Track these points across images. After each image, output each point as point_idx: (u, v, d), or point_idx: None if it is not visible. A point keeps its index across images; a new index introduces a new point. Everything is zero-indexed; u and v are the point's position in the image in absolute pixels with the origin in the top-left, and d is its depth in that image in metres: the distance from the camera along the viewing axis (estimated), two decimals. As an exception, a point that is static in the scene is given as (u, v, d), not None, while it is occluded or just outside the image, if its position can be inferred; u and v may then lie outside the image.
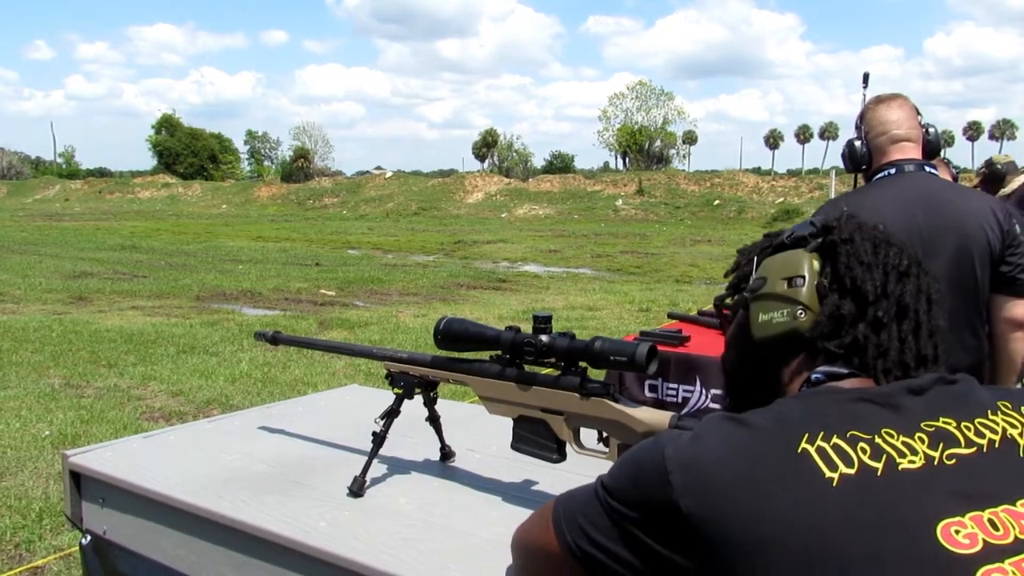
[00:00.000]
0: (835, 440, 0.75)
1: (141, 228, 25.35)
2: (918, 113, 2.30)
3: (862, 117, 2.33)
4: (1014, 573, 0.71)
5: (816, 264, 0.89)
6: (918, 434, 0.78)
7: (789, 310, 0.87)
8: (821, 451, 0.74)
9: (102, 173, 66.09)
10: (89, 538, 1.63)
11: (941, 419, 0.80)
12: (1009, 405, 0.85)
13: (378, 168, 58.96)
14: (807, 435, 0.76)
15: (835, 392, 0.83)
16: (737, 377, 0.98)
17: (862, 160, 2.32)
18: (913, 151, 2.25)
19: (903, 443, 0.77)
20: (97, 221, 29.31)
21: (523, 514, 1.14)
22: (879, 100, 2.33)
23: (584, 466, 1.31)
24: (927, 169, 2.24)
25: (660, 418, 1.13)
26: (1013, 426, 0.82)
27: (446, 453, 1.58)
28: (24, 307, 9.85)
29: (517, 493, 1.42)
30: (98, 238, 21.05)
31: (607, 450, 1.21)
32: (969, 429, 0.80)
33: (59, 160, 71.00)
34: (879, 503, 0.72)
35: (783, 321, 0.88)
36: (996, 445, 0.80)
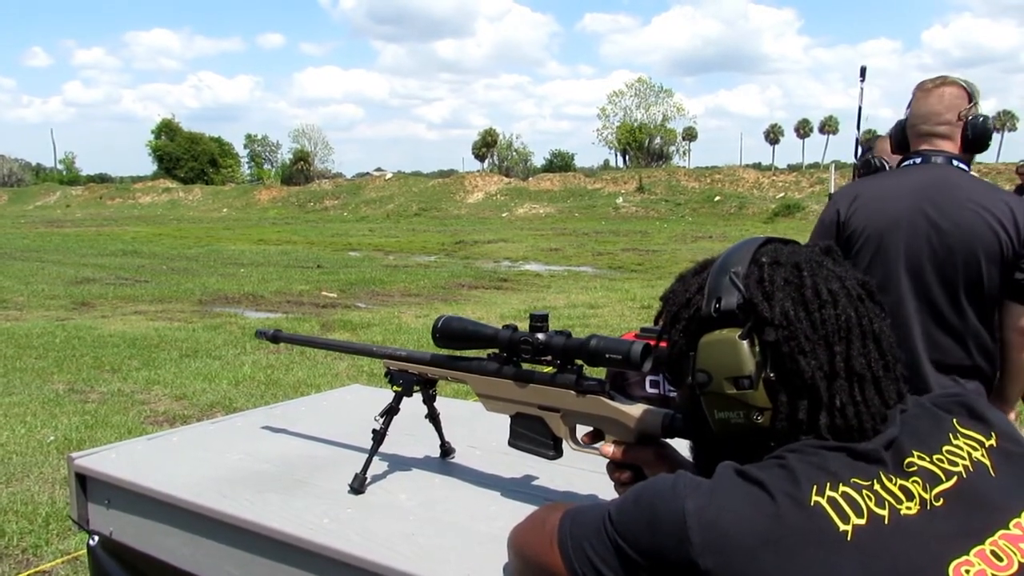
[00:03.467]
0: (842, 488, 0.77)
1: (142, 233, 25.39)
2: (971, 100, 2.19)
3: (911, 102, 2.27)
4: None
5: (756, 354, 0.85)
6: (912, 477, 0.80)
7: (744, 412, 0.85)
8: (832, 502, 0.76)
9: (103, 179, 66.24)
10: (97, 539, 1.65)
11: (916, 454, 0.82)
12: (960, 425, 0.88)
13: (378, 169, 59.01)
14: (816, 486, 0.76)
15: (824, 445, 0.82)
16: (695, 431, 0.97)
17: (902, 145, 2.30)
18: (944, 144, 2.18)
19: (899, 487, 0.79)
20: (98, 227, 29.36)
21: (523, 509, 1.16)
22: (920, 88, 2.25)
23: (583, 461, 1.32)
24: (955, 163, 2.16)
25: (654, 416, 1.14)
26: (974, 448, 0.86)
27: (446, 450, 1.60)
28: (27, 313, 9.88)
29: (517, 489, 1.44)
30: (100, 244, 21.09)
31: (599, 446, 1.22)
32: (942, 461, 0.83)
33: (60, 167, 71.17)
34: (892, 552, 0.74)
35: (741, 423, 0.86)
36: (971, 470, 0.83)
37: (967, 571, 0.75)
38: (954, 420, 0.88)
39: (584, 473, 1.43)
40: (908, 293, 2.10)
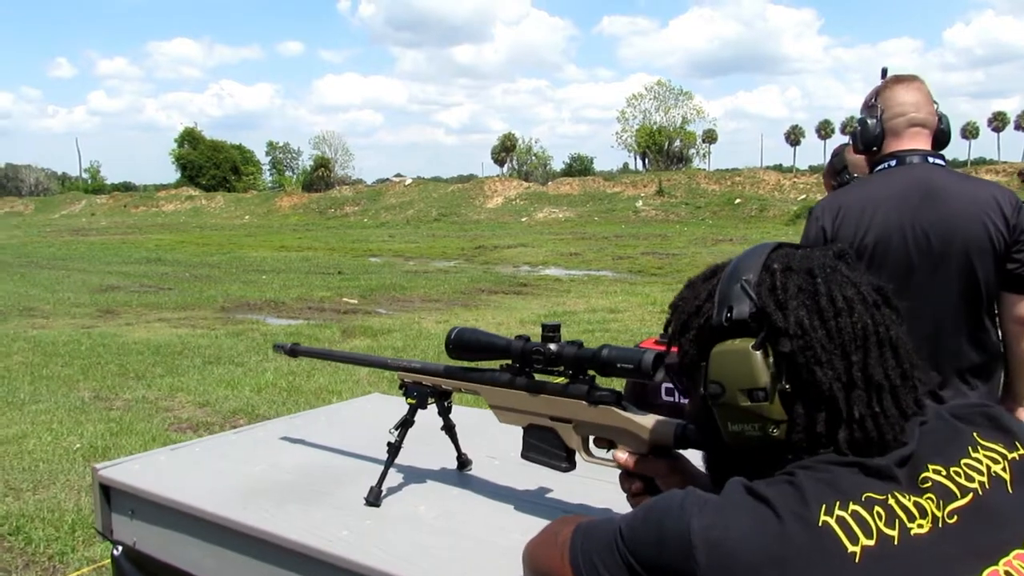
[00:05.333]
0: (852, 507, 0.75)
1: (166, 241, 25.68)
2: (933, 100, 2.20)
3: (877, 95, 2.22)
4: None
5: (770, 365, 0.83)
6: (927, 494, 0.79)
7: (760, 425, 0.84)
8: (841, 521, 0.75)
9: (127, 187, 66.97)
10: (121, 549, 1.68)
11: (931, 468, 0.81)
12: (982, 437, 0.86)
13: (398, 175, 59.19)
14: (824, 506, 0.75)
15: (836, 461, 0.81)
16: (708, 442, 0.95)
17: (875, 141, 2.21)
18: (925, 140, 2.16)
19: (914, 503, 0.78)
20: (123, 235, 29.74)
21: (539, 522, 1.16)
22: (898, 80, 2.23)
23: (599, 472, 1.32)
24: (931, 160, 2.14)
25: (666, 426, 1.13)
26: (995, 461, 0.84)
27: (463, 461, 1.60)
28: (53, 321, 10.02)
29: (534, 500, 1.44)
30: (124, 252, 21.36)
31: (611, 454, 1.22)
32: (959, 475, 0.81)
33: (85, 175, 72.04)
34: (900, 574, 0.73)
35: (756, 435, 0.84)
36: (988, 486, 0.82)
37: None
38: (975, 432, 0.86)
39: (601, 484, 1.43)
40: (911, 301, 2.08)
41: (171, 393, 6.18)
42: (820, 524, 0.74)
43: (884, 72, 3.12)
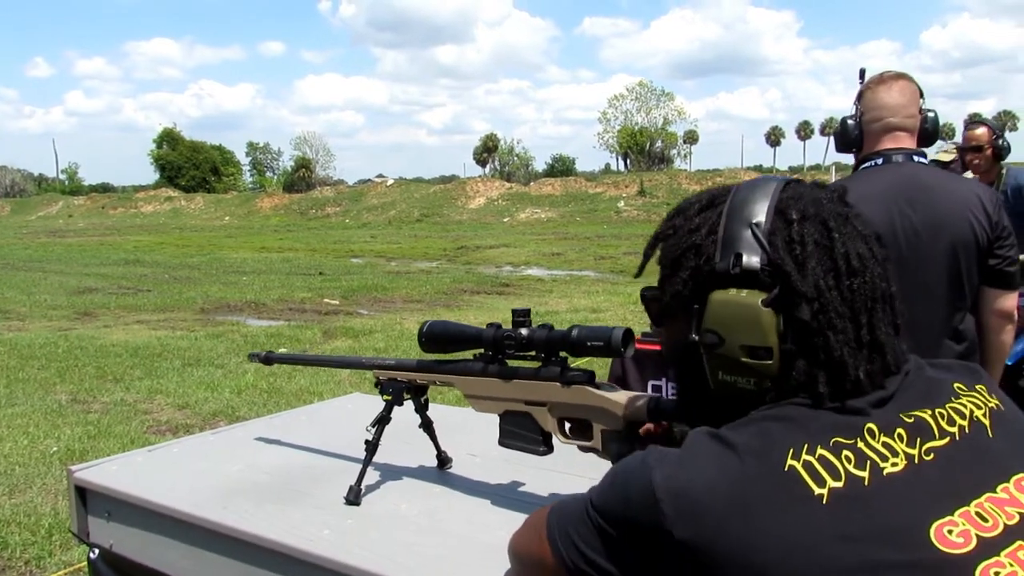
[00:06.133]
0: (820, 451, 0.74)
1: (145, 242, 25.43)
2: (921, 96, 2.22)
3: (860, 96, 2.25)
4: (1011, 564, 0.72)
5: (779, 324, 0.78)
6: (898, 430, 0.77)
7: (756, 381, 0.81)
8: (808, 465, 0.73)
9: (105, 188, 66.33)
10: (97, 552, 1.65)
11: (916, 410, 0.80)
12: (963, 386, 0.85)
13: (379, 176, 59.07)
14: (791, 450, 0.74)
15: (808, 404, 0.79)
16: (687, 383, 0.92)
17: (854, 142, 2.25)
18: (906, 140, 2.18)
19: (884, 444, 0.76)
20: (101, 236, 29.43)
21: (523, 518, 1.14)
22: (880, 81, 2.24)
23: (583, 467, 1.31)
24: (916, 159, 2.17)
25: (640, 401, 1.15)
26: (977, 407, 0.83)
27: (442, 459, 1.59)
28: (29, 324, 9.89)
29: (517, 497, 1.43)
30: (102, 253, 21.13)
31: (591, 440, 1.22)
32: (943, 417, 0.80)
33: (62, 177, 71.31)
34: (870, 514, 0.72)
35: (749, 388, 0.81)
36: (967, 431, 0.80)
37: (950, 531, 0.72)
38: (956, 383, 0.85)
39: (583, 480, 1.42)
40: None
41: (150, 396, 6.11)
42: (786, 469, 0.73)
43: (862, 73, 3.14)
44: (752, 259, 0.80)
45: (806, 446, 0.74)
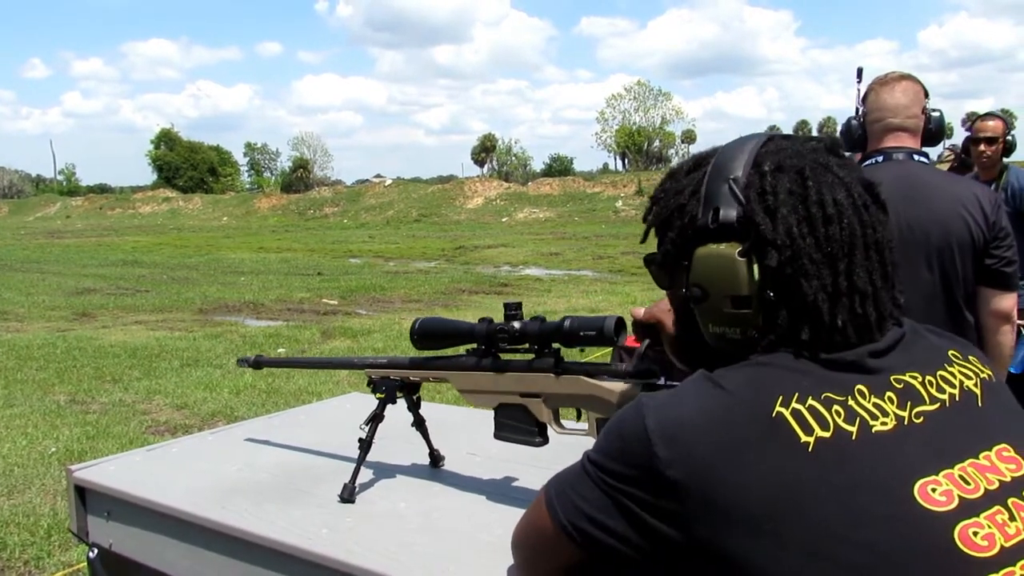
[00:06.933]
0: (810, 402, 0.76)
1: (143, 243, 25.42)
2: (926, 95, 2.23)
3: (865, 98, 2.27)
4: (989, 526, 0.73)
5: (755, 273, 0.81)
6: (888, 393, 0.79)
7: (741, 330, 0.83)
8: (796, 414, 0.75)
9: (103, 189, 66.19)
10: (96, 551, 1.65)
11: (908, 374, 0.81)
12: (958, 354, 0.87)
13: (378, 176, 59.04)
14: (781, 397, 0.75)
15: (804, 355, 0.81)
16: (685, 340, 0.95)
17: (857, 142, 2.28)
18: (908, 140, 2.20)
19: (874, 404, 0.77)
20: (99, 237, 29.40)
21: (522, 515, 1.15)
22: (884, 82, 2.26)
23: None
24: (916, 158, 2.19)
25: (635, 388, 1.15)
26: (968, 377, 0.85)
27: (435, 457, 1.59)
28: (28, 325, 9.88)
29: (516, 495, 1.43)
30: (100, 254, 21.11)
31: (586, 427, 1.23)
32: (932, 384, 0.82)
33: (59, 177, 71.20)
34: (855, 466, 0.73)
35: (737, 339, 0.84)
36: (957, 399, 0.82)
37: (933, 489, 0.73)
38: (950, 350, 0.87)
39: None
40: None
41: (148, 396, 6.11)
42: (774, 415, 0.74)
43: (859, 72, 3.16)
44: (729, 212, 0.82)
45: (796, 395, 0.76)
